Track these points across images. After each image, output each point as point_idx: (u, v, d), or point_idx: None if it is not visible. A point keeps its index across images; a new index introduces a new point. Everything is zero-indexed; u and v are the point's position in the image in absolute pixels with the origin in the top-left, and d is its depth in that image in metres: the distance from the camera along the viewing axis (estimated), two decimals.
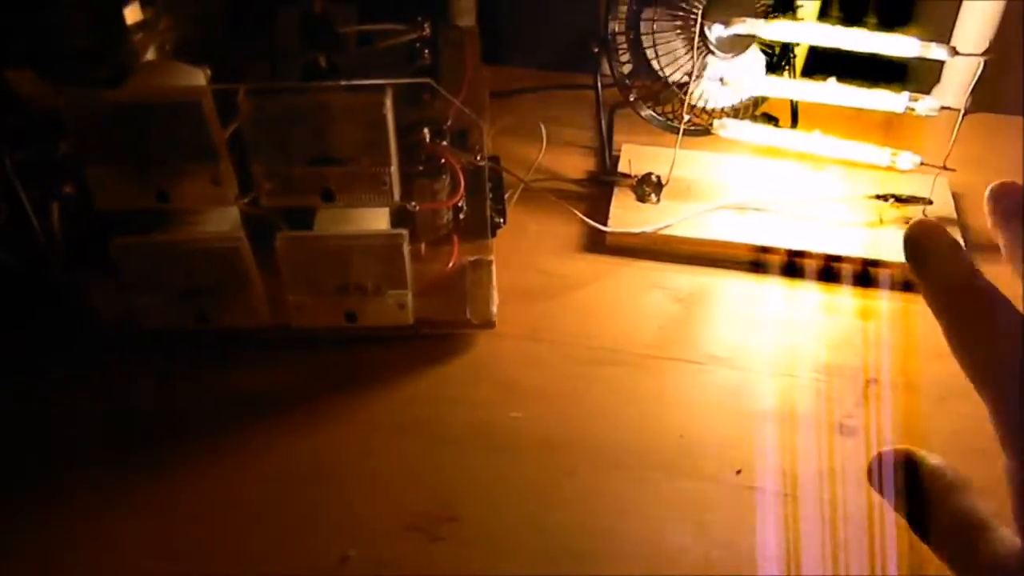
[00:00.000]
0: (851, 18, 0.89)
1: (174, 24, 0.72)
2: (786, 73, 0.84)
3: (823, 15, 0.93)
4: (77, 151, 0.60)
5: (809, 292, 0.76)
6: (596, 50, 0.81)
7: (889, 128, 0.80)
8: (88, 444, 0.65)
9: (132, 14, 0.63)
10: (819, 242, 0.77)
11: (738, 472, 0.63)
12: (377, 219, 0.69)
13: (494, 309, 0.71)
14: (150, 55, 0.66)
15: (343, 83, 0.57)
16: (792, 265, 0.77)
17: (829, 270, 0.77)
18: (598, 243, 0.80)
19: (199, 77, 0.62)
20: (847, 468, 0.64)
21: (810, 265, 0.77)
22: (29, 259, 0.69)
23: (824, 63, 0.80)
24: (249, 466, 0.64)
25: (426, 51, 0.80)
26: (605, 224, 0.79)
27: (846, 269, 0.77)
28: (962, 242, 0.44)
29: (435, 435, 0.66)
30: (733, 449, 0.65)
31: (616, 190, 0.82)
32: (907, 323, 0.73)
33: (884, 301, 0.75)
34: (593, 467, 0.64)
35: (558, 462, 0.64)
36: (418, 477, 0.63)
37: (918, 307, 0.73)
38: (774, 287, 0.77)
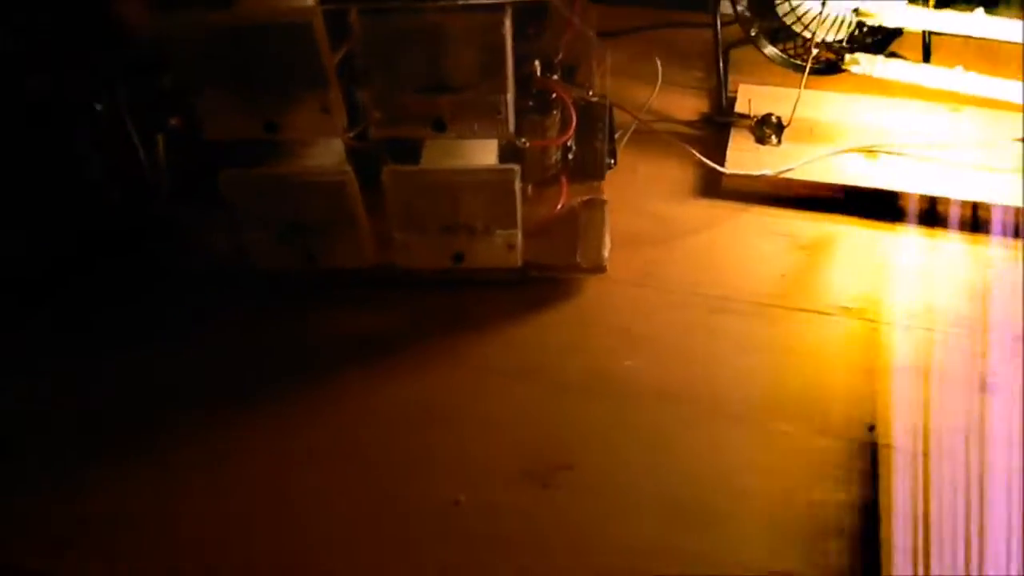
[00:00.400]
0: None
1: None
2: (919, 3, 0.77)
3: None
4: (183, 78, 0.58)
5: (948, 242, 0.70)
6: None
7: None
8: (195, 386, 0.64)
9: None
10: (958, 188, 0.71)
11: (871, 428, 0.59)
12: (486, 155, 0.66)
13: (606, 253, 0.67)
14: None
15: (460, 2, 0.54)
16: (929, 213, 0.71)
17: (969, 218, 0.71)
18: (714, 187, 0.75)
19: None
20: (991, 428, 0.59)
21: (948, 213, 0.71)
22: (138, 193, 0.68)
23: None
24: (360, 409, 0.62)
25: None
26: (722, 166, 0.74)
27: (987, 217, 0.70)
28: None
29: (548, 381, 0.63)
30: (865, 403, 0.60)
31: (733, 131, 0.77)
32: None
33: None
34: (712, 419, 0.60)
35: (677, 413, 0.60)
36: (531, 423, 0.60)
37: None
38: (908, 237, 0.71)
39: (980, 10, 0.69)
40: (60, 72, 0.64)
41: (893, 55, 0.80)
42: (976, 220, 0.71)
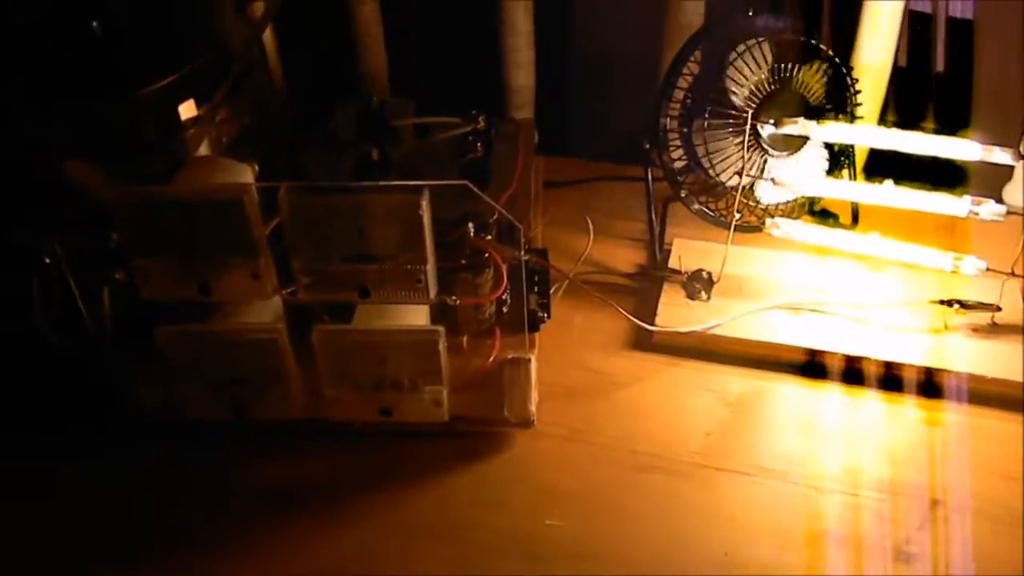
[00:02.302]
0: (913, 116, 0.86)
1: (231, 117, 0.74)
2: (845, 172, 0.81)
3: (885, 113, 0.91)
4: (125, 242, 0.61)
5: (869, 401, 0.72)
6: (647, 145, 0.80)
7: (953, 230, 0.76)
8: (109, 535, 0.65)
9: (186, 110, 0.65)
10: (879, 348, 0.73)
11: None
12: (417, 314, 0.68)
13: (533, 408, 0.69)
14: (203, 149, 0.68)
15: (381, 183, 0.57)
16: (851, 371, 0.73)
17: (890, 378, 0.73)
18: (646, 341, 0.77)
19: (246, 174, 0.63)
20: None
21: (870, 372, 0.73)
22: (79, 341, 0.70)
23: (886, 162, 0.78)
24: (275, 567, 0.62)
25: (479, 144, 0.81)
26: (653, 322, 0.77)
27: (909, 377, 0.72)
28: None
29: (470, 541, 0.63)
30: (781, 572, 0.60)
31: (666, 286, 0.80)
32: (976, 439, 0.68)
33: (950, 413, 0.70)
34: None
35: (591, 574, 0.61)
36: None
37: (988, 421, 0.69)
38: (832, 394, 0.73)
39: (889, 182, 0.73)
40: (8, 227, 0.67)
41: (825, 213, 0.84)
42: (898, 379, 0.73)
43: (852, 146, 0.81)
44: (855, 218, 0.84)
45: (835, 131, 0.72)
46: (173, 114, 0.66)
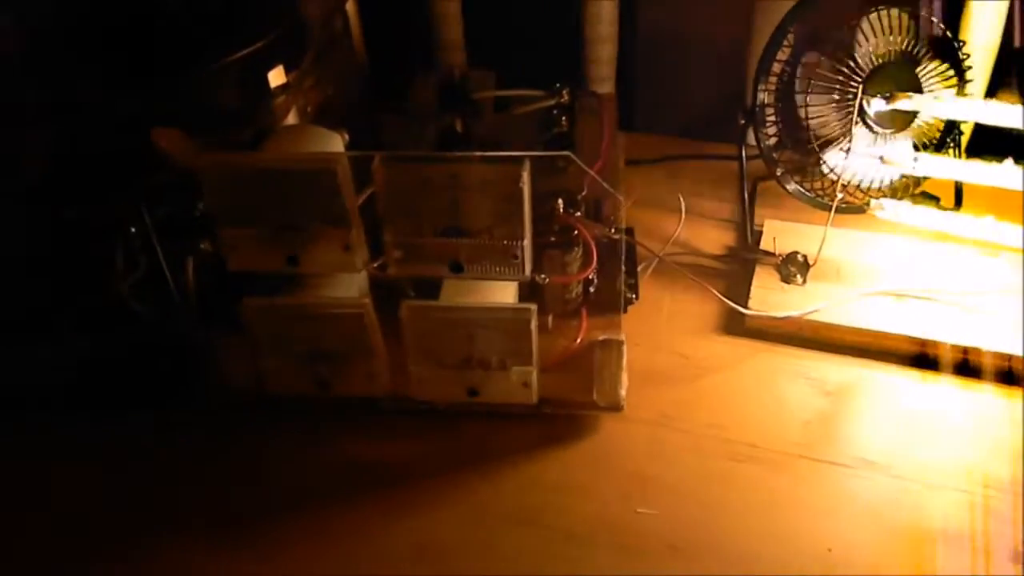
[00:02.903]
0: None
1: (316, 87, 0.73)
2: (950, 151, 0.77)
3: (993, 91, 0.86)
4: (212, 212, 0.60)
5: (977, 393, 0.68)
6: (743, 121, 0.77)
7: None
8: (196, 509, 0.64)
9: (275, 77, 0.64)
10: (991, 338, 0.69)
11: None
12: (505, 291, 0.66)
13: (623, 392, 0.66)
14: (291, 118, 0.66)
15: (479, 154, 0.55)
16: (958, 362, 0.69)
17: (1001, 369, 0.68)
18: (737, 325, 0.74)
19: (336, 142, 0.61)
20: None
21: (979, 363, 0.69)
22: (164, 312, 0.70)
23: (991, 140, 0.73)
24: (358, 543, 0.61)
25: (563, 118, 0.78)
26: (746, 305, 0.73)
27: (1021, 369, 0.68)
28: None
29: (553, 526, 0.61)
30: (888, 572, 0.57)
31: (758, 268, 0.76)
32: None
33: None
34: None
35: (686, 569, 0.58)
36: (528, 572, 0.58)
37: None
38: (939, 386, 0.69)
39: (1009, 160, 0.68)
40: (96, 198, 0.67)
41: (925, 195, 0.79)
42: (1009, 371, 0.68)
43: (959, 124, 0.77)
44: (959, 200, 0.79)
45: (952, 106, 0.67)
46: (262, 81, 0.65)
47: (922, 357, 0.70)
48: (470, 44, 1.01)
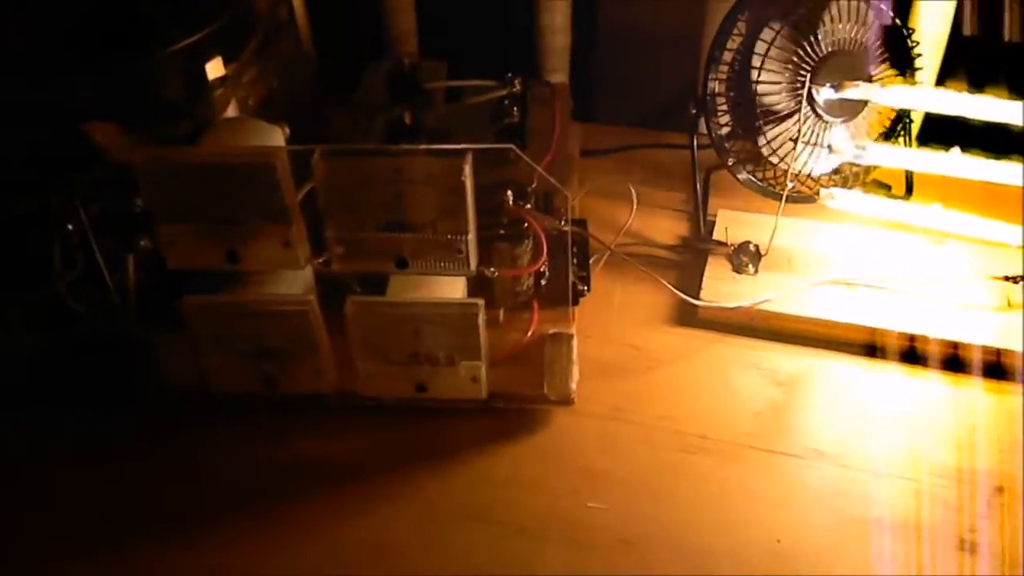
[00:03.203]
0: (976, 83, 0.82)
1: (259, 79, 0.71)
2: (901, 140, 0.77)
3: (943, 79, 0.86)
4: (150, 208, 0.58)
5: (928, 382, 0.68)
6: (694, 110, 0.76)
7: (1019, 202, 0.71)
8: (137, 508, 0.63)
9: (213, 69, 0.62)
10: (939, 326, 0.69)
11: None
12: (453, 285, 0.65)
13: (573, 385, 0.66)
14: (231, 111, 0.65)
15: (421, 147, 0.54)
16: (909, 351, 0.69)
17: (949, 357, 0.69)
18: (690, 316, 0.74)
19: (277, 135, 0.60)
20: None
21: (927, 351, 0.69)
22: (103, 311, 0.68)
23: (942, 129, 0.73)
24: (306, 546, 0.60)
25: (515, 108, 0.77)
26: (697, 296, 0.73)
27: (969, 357, 0.68)
28: None
29: (505, 522, 0.61)
30: (837, 561, 0.57)
31: (710, 258, 0.76)
32: None
33: (1014, 396, 0.67)
34: (675, 572, 0.57)
35: (636, 563, 0.58)
36: (481, 570, 0.58)
37: None
38: (888, 374, 0.69)
39: (956, 149, 0.68)
40: (34, 193, 0.65)
41: (877, 184, 0.80)
42: (958, 360, 0.69)
43: (909, 113, 0.77)
44: (909, 188, 0.80)
45: (901, 95, 0.67)
46: (199, 73, 0.63)
47: (872, 346, 0.70)
48: (423, 34, 0.99)
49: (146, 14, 0.67)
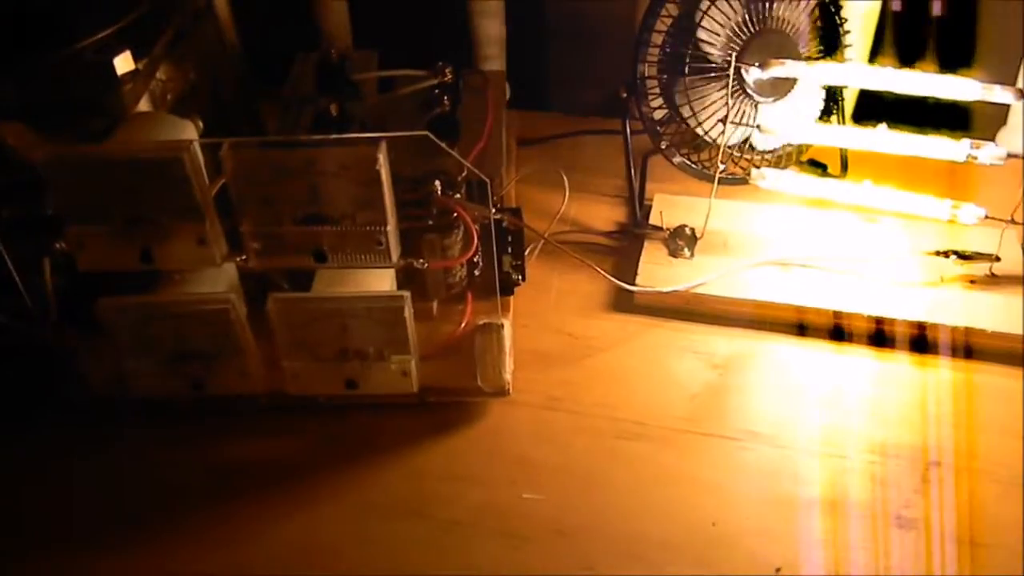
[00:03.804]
0: (906, 58, 0.82)
1: (176, 73, 0.69)
2: (834, 118, 0.77)
3: (875, 55, 0.86)
4: (60, 209, 0.56)
5: (861, 359, 0.68)
6: (625, 94, 0.76)
7: (951, 177, 0.72)
8: (53, 520, 0.61)
9: (123, 63, 0.60)
10: (872, 303, 0.69)
11: (778, 570, 0.56)
12: (381, 278, 0.64)
13: (507, 376, 0.65)
14: (144, 105, 0.63)
15: (332, 137, 0.52)
16: (841, 329, 0.69)
17: (883, 334, 0.69)
18: (626, 302, 0.73)
19: (189, 130, 0.58)
20: (904, 567, 0.56)
21: (862, 329, 0.69)
22: (19, 316, 0.66)
23: (877, 106, 0.74)
24: (241, 549, 0.58)
25: (446, 97, 0.76)
26: (634, 281, 0.72)
27: (903, 334, 0.69)
28: None
29: (441, 517, 0.60)
30: (773, 542, 0.57)
31: (647, 243, 0.76)
32: (973, 396, 0.65)
33: (946, 371, 0.67)
34: (611, 561, 0.57)
35: (573, 553, 0.57)
36: (417, 567, 0.57)
37: (986, 377, 0.65)
38: (823, 353, 0.69)
39: (883, 126, 0.68)
40: None
41: (812, 163, 0.79)
42: (892, 336, 0.69)
43: (841, 91, 0.77)
44: (844, 167, 0.80)
45: (826, 71, 0.67)
46: (109, 69, 0.61)
47: (808, 325, 0.70)
48: (357, 25, 0.97)
49: (53, 10, 0.65)
